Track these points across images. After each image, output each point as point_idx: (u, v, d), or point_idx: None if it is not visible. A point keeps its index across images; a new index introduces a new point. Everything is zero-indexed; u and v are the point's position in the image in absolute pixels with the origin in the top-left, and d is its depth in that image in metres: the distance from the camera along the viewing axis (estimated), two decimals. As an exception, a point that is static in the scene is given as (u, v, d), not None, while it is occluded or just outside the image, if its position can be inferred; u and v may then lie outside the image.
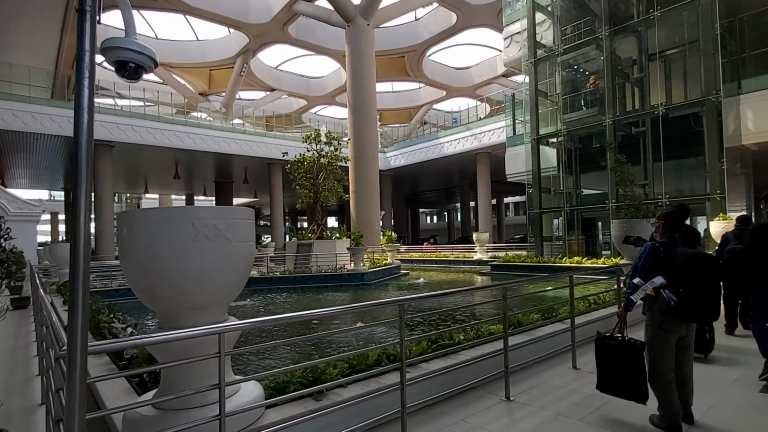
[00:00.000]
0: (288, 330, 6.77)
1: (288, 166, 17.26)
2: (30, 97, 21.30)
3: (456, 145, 31.07)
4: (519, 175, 17.48)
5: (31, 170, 31.37)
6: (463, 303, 8.61)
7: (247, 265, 2.55)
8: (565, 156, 15.45)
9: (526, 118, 16.61)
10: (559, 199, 15.59)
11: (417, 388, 3.21)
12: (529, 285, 9.71)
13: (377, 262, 16.47)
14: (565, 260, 14.52)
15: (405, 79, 46.40)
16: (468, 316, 7.60)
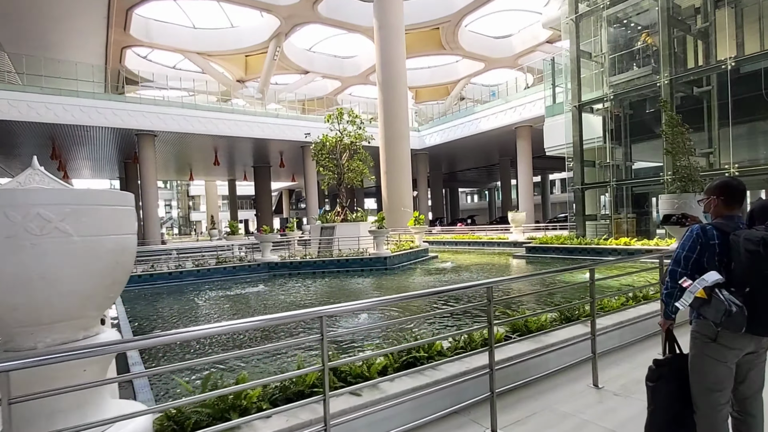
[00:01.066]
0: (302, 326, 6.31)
1: (312, 147, 16.81)
2: (94, 93, 22.62)
3: (494, 120, 29.22)
4: (559, 148, 15.85)
5: (91, 161, 33.46)
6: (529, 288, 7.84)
7: (109, 266, 1.95)
8: (612, 124, 13.69)
9: (566, 84, 14.88)
10: (604, 173, 13.94)
11: (502, 371, 3.06)
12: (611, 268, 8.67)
13: (403, 245, 15.77)
14: (611, 241, 13.03)
15: (440, 52, 44.23)
16: (545, 298, 6.89)
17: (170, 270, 11.56)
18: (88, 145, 26.91)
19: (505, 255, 16.63)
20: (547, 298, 7.33)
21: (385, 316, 6.44)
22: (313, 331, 5.43)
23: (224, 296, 9.73)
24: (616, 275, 6.45)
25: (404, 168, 27.52)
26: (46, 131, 22.24)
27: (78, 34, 30.56)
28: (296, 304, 8.32)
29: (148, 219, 25.67)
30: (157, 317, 7.68)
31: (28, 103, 19.71)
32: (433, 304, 6.97)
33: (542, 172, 48.74)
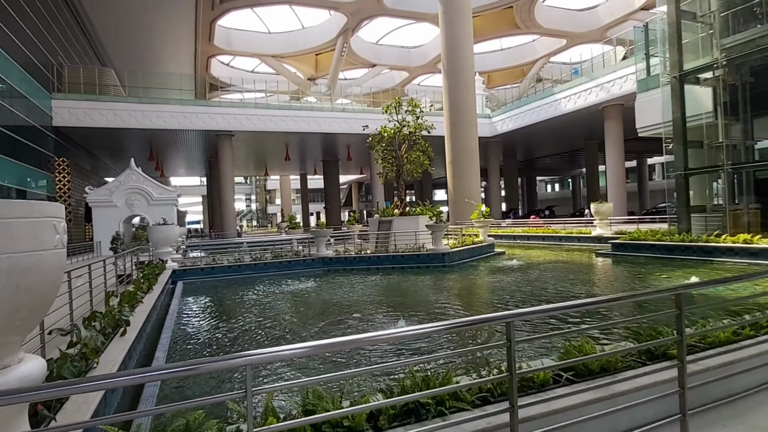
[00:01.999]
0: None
1: (369, 140, 16.38)
2: (181, 99, 24.89)
3: (576, 100, 26.26)
4: (654, 128, 13.37)
5: (182, 161, 37.03)
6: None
7: (5, 290, 1.55)
8: (725, 96, 11.09)
9: (664, 52, 12.36)
10: (716, 155, 11.38)
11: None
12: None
13: (465, 240, 14.67)
14: (725, 238, 10.64)
15: (515, 32, 41.24)
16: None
17: (230, 263, 11.95)
18: (177, 147, 29.70)
19: (586, 252, 14.67)
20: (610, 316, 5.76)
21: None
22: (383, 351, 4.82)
23: (270, 292, 9.68)
24: (724, 280, 4.68)
25: (472, 157, 26.04)
26: (144, 136, 24.99)
27: (171, 48, 33.93)
28: (339, 305, 7.91)
29: (226, 213, 27.55)
30: (204, 316, 7.74)
31: (129, 112, 22.35)
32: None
33: (638, 156, 43.28)
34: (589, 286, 8.63)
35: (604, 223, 16.04)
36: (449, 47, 25.67)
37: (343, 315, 6.90)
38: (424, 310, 6.93)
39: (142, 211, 20.04)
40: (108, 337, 4.23)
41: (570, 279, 9.52)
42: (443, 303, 7.59)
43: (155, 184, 21.03)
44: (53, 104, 20.55)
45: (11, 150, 16.46)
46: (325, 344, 1.86)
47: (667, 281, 8.41)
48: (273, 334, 5.96)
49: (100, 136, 23.68)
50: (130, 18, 26.98)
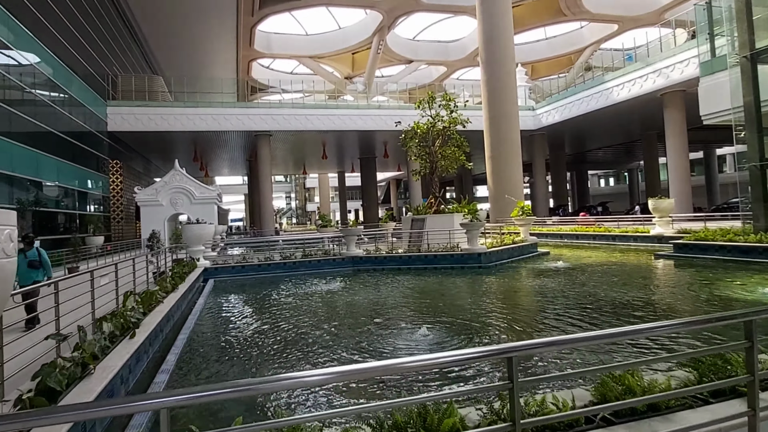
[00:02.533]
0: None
1: (402, 137, 15.94)
2: (222, 102, 25.77)
3: (631, 88, 24.17)
4: (722, 115, 11.80)
5: (224, 161, 38.48)
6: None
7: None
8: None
9: (731, 30, 10.79)
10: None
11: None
12: None
13: (504, 240, 13.86)
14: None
15: (560, 20, 39.03)
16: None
17: (260, 262, 12.03)
18: (219, 148, 30.89)
19: (644, 253, 13.30)
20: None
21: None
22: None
23: (295, 293, 9.49)
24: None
25: (513, 151, 24.86)
26: (189, 138, 26.23)
27: (215, 54, 35.44)
28: (360, 307, 7.58)
29: (264, 211, 28.21)
30: (225, 316, 7.61)
31: (175, 115, 23.57)
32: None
33: (705, 147, 39.52)
34: (645, 293, 7.60)
35: (665, 220, 14.55)
36: (487, 37, 24.61)
37: (362, 318, 6.58)
38: (449, 317, 6.40)
39: (184, 209, 20.96)
40: (115, 341, 4.15)
41: (623, 284, 8.54)
42: (472, 309, 7.02)
43: (197, 183, 21.98)
44: (108, 111, 22.09)
45: (72, 154, 17.91)
46: (257, 385, 1.50)
47: (741, 290, 7.30)
48: (287, 338, 5.76)
49: (149, 139, 25.14)
50: (177, 28, 28.41)
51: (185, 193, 20.81)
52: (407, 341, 5.33)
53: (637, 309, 6.36)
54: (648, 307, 6.39)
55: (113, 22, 23.78)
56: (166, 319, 5.73)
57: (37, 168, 14.56)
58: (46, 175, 15.37)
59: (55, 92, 16.79)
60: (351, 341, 5.37)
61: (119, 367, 3.57)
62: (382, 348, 5.05)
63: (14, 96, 13.66)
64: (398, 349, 4.99)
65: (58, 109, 16.79)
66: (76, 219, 17.55)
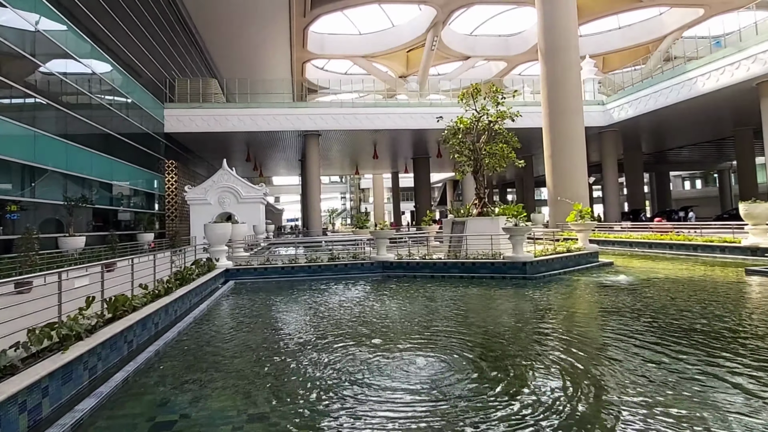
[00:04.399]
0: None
1: (444, 134, 14.79)
2: (272, 102, 26.34)
3: (719, 77, 21.07)
4: None
5: (277, 161, 39.44)
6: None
7: None
8: None
9: None
10: None
11: None
12: None
13: (558, 247, 12.18)
14: None
15: (635, 6, 35.29)
16: None
17: (283, 265, 11.52)
18: (271, 148, 31.68)
19: (732, 268, 11.00)
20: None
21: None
22: None
23: (309, 300, 8.70)
24: None
25: (576, 149, 22.60)
26: (241, 138, 27.12)
27: (269, 56, 36.62)
28: (369, 324, 6.50)
29: (312, 211, 28.26)
30: (220, 326, 6.84)
31: (227, 116, 24.41)
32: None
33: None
34: (734, 322, 5.86)
35: (761, 229, 11.98)
36: (547, 26, 22.62)
37: (361, 339, 5.59)
38: (460, 345, 5.20)
39: (231, 208, 21.47)
40: (37, 357, 3.58)
41: (702, 308, 6.78)
42: (494, 336, 5.72)
43: (244, 183, 22.46)
44: (165, 113, 23.33)
45: (133, 155, 19.00)
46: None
47: None
48: (268, 356, 5.04)
49: (203, 140, 26.22)
50: (233, 32, 29.54)
51: (232, 192, 21.35)
52: (398, 371, 4.33)
53: (724, 346, 4.78)
54: (740, 346, 4.77)
55: (173, 28, 25.15)
56: (139, 327, 5.26)
57: (95, 168, 15.43)
58: (104, 175, 16.23)
59: (118, 97, 17.98)
60: (323, 373, 4.42)
61: (8, 394, 2.94)
62: (355, 388, 4.00)
63: (81, 101, 14.73)
64: (372, 385, 3.99)
65: (118, 112, 17.89)
66: (129, 216, 18.45)
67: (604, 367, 4.28)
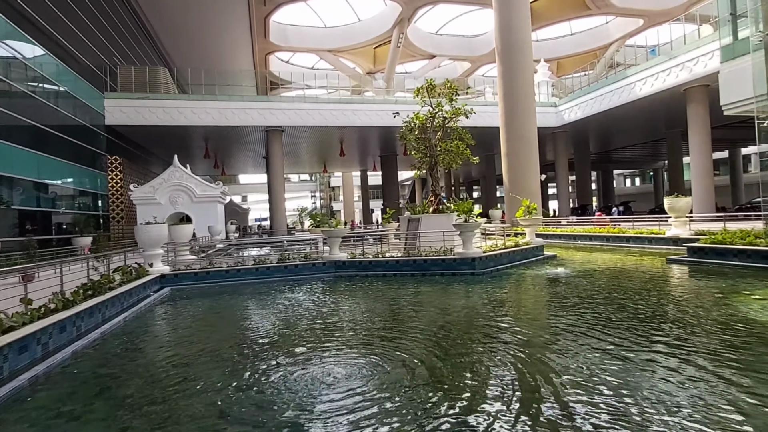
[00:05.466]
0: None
1: (401, 130, 15.24)
2: (230, 95, 25.12)
3: (654, 82, 22.97)
4: (744, 104, 10.57)
5: (242, 159, 38.17)
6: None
7: None
8: None
9: (757, 9, 9.52)
10: None
11: None
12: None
13: (508, 242, 12.98)
14: None
15: (585, 14, 37.36)
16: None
17: (228, 268, 11.06)
18: (232, 144, 30.59)
19: (658, 257, 12.20)
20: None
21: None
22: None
23: (248, 305, 8.45)
24: None
25: (529, 148, 23.79)
26: (196, 133, 25.78)
27: (228, 46, 35.24)
28: (303, 329, 6.39)
29: (277, 210, 27.83)
30: (116, 346, 5.94)
31: (179, 109, 23.02)
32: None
33: (731, 145, 38.35)
34: (646, 311, 6.46)
35: (681, 221, 13.33)
36: (503, 27, 23.57)
37: (289, 348, 5.35)
38: (385, 348, 5.20)
39: (185, 208, 20.60)
40: None
41: (624, 298, 7.48)
42: (430, 335, 5.87)
43: (199, 181, 21.56)
44: (106, 104, 21.47)
45: (66, 150, 17.21)
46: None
47: (759, 307, 6.25)
48: (170, 376, 4.58)
49: (153, 134, 24.63)
50: (187, 18, 27.85)
51: (186, 190, 20.46)
52: (314, 385, 4.06)
53: (642, 326, 5.44)
54: (645, 334, 5.45)
55: (114, 10, 23.10)
56: (13, 351, 4.66)
57: (16, 164, 13.78)
58: (29, 172, 14.53)
59: (46, 84, 16.26)
60: (226, 394, 3.98)
61: None
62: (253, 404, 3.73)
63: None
64: (278, 405, 3.69)
65: (46, 102, 16.12)
66: (63, 219, 16.77)
67: (543, 359, 4.66)
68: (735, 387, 3.57)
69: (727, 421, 3.03)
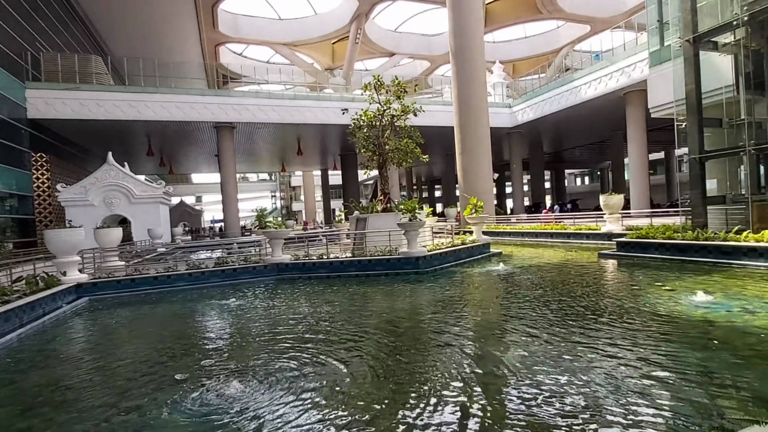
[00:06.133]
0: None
1: (350, 128, 14.97)
2: (173, 88, 23.44)
3: (597, 86, 24.11)
4: (667, 108, 11.19)
5: (192, 157, 36.26)
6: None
7: None
8: (748, 64, 8.83)
9: (675, 12, 10.01)
10: (737, 135, 9.20)
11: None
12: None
13: (456, 240, 13.04)
14: (748, 236, 8.67)
15: (537, 18, 38.64)
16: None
17: (157, 274, 10.14)
18: (179, 141, 28.90)
19: (593, 252, 12.78)
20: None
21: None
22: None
23: (168, 315, 7.86)
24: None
25: (482, 148, 24.22)
26: (137, 129, 23.72)
27: (174, 36, 33.17)
28: (217, 340, 5.97)
29: (228, 212, 26.66)
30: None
31: (114, 102, 21.10)
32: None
33: (666, 147, 40.99)
34: (568, 304, 6.66)
35: (615, 217, 13.99)
36: (456, 28, 23.80)
37: (194, 363, 4.91)
38: (301, 354, 4.96)
39: (122, 210, 19.08)
40: None
41: (553, 293, 7.67)
42: (354, 337, 5.69)
43: (138, 180, 20.06)
44: (28, 95, 19.41)
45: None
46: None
47: (668, 297, 6.54)
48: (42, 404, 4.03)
49: (86, 129, 22.58)
50: (125, 3, 25.73)
51: (122, 191, 18.99)
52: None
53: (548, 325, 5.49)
54: (564, 324, 5.52)
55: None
56: None
57: None
58: None
59: None
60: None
61: None
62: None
63: None
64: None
65: None
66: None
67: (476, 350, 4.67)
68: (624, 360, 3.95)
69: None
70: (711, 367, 3.82)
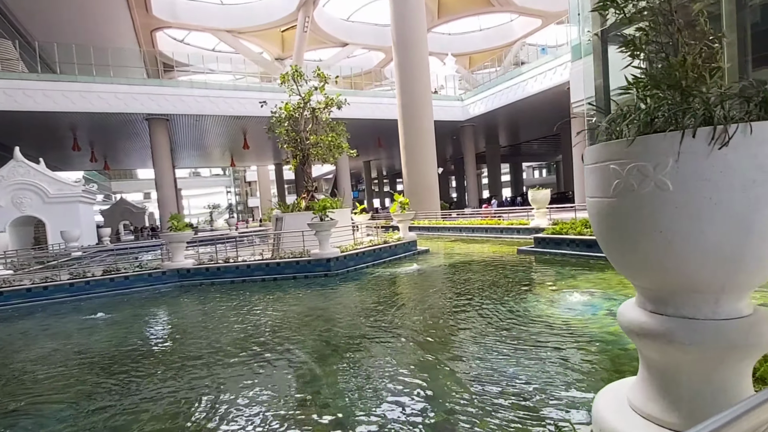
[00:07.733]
0: None
1: (272, 121, 14.09)
2: (94, 76, 21.57)
3: (543, 80, 24.20)
4: (581, 104, 11.09)
5: (135, 152, 33.84)
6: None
7: None
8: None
9: (584, 5, 9.88)
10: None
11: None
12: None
13: (385, 238, 12.52)
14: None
15: (489, 10, 38.55)
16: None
17: (31, 285, 9.12)
18: (111, 135, 26.89)
19: (512, 246, 12.70)
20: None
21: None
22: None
23: (32, 334, 7.05)
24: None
25: (426, 141, 23.83)
26: (60, 121, 21.83)
27: (102, 19, 30.48)
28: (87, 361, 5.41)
29: (164, 209, 25.14)
30: None
31: (25, 91, 19.10)
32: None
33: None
34: (458, 309, 6.32)
35: (542, 212, 13.90)
36: (398, 19, 23.19)
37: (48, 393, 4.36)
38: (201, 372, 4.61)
39: (35, 211, 17.35)
40: None
41: (449, 295, 7.29)
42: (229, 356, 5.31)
43: (52, 178, 18.30)
44: None
45: None
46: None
47: (549, 297, 6.24)
48: None
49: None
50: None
51: (34, 190, 17.31)
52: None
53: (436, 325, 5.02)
54: (453, 323, 5.05)
55: None
56: None
57: None
58: None
59: None
60: None
61: None
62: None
63: None
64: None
65: None
66: None
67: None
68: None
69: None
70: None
